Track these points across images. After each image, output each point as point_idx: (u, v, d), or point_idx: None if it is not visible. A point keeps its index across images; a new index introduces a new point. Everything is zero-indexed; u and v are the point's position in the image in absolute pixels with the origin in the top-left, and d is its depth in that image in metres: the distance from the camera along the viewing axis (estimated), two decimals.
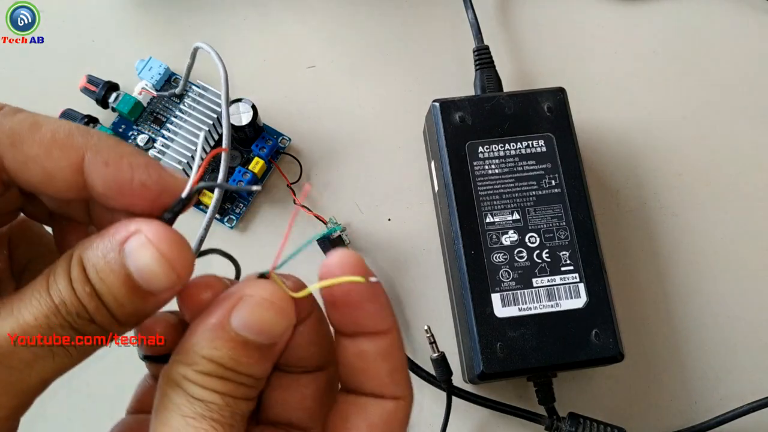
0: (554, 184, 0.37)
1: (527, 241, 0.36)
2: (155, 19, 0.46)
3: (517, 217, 0.36)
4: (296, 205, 0.41)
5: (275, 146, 0.42)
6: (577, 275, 0.35)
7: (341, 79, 0.45)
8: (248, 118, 0.40)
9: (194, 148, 0.39)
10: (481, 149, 0.37)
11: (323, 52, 0.45)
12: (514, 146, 0.37)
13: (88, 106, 0.42)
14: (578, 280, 0.35)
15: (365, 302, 0.19)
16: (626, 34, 0.47)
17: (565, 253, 0.36)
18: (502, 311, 0.34)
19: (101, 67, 0.43)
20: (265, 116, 0.43)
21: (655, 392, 0.39)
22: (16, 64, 0.44)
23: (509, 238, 0.36)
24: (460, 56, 0.45)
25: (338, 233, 0.39)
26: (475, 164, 0.37)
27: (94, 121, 0.41)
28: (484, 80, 0.42)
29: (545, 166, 0.37)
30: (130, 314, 0.17)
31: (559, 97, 0.39)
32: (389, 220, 0.42)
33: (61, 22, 0.45)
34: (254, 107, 0.40)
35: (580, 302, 0.35)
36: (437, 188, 0.39)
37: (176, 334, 0.19)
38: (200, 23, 0.46)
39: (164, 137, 0.40)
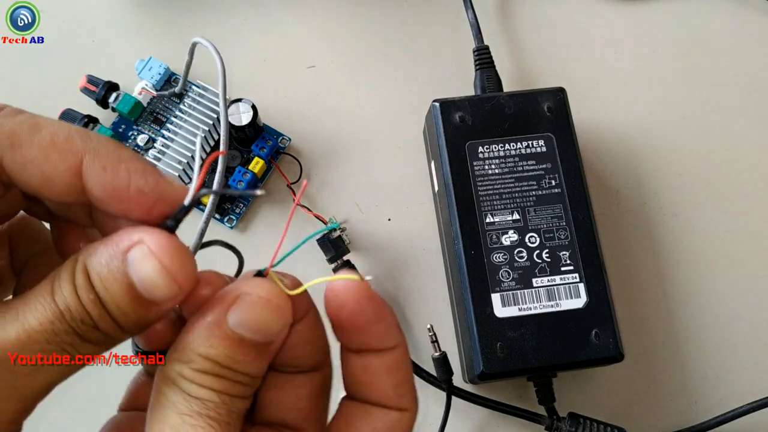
0: (554, 184, 0.37)
1: (527, 241, 0.36)
2: (155, 19, 0.46)
3: (517, 217, 0.36)
4: (297, 205, 0.41)
5: (275, 146, 0.42)
6: (577, 275, 0.35)
7: (341, 79, 0.45)
8: (248, 118, 0.40)
9: (194, 148, 0.39)
10: (481, 149, 0.37)
11: (323, 52, 0.45)
12: (514, 146, 0.37)
13: (88, 106, 0.42)
14: (578, 280, 0.35)
15: (372, 324, 0.19)
16: (626, 34, 0.47)
17: (565, 253, 0.36)
18: (502, 311, 0.34)
19: (101, 67, 0.43)
20: (265, 116, 0.43)
21: (655, 392, 0.39)
22: (16, 64, 0.44)
23: (509, 238, 0.36)
24: (460, 56, 0.45)
25: (338, 233, 0.39)
26: (475, 164, 0.37)
27: (94, 121, 0.41)
28: (484, 80, 0.42)
29: (545, 166, 0.37)
30: (133, 322, 0.17)
31: (559, 97, 0.39)
32: (389, 220, 0.42)
33: (61, 22, 0.45)
34: (254, 107, 0.40)
35: (580, 302, 0.35)
36: (437, 188, 0.39)
37: (173, 330, 0.19)
38: (200, 23, 0.46)
39: (164, 137, 0.40)
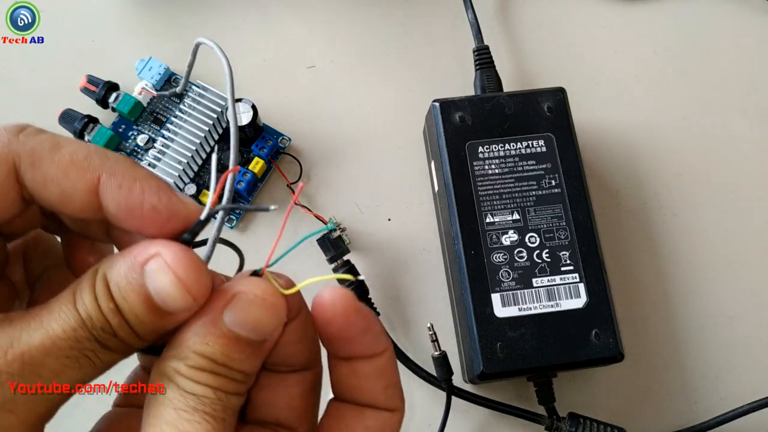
0: (554, 184, 0.37)
1: (527, 241, 0.36)
2: (155, 19, 0.46)
3: (517, 217, 0.36)
4: (297, 204, 0.41)
5: (275, 146, 0.42)
6: (577, 275, 0.35)
7: (341, 79, 0.45)
8: (248, 118, 0.40)
9: (194, 147, 0.39)
10: (481, 149, 0.37)
11: (323, 52, 0.45)
12: (514, 146, 0.37)
13: (88, 106, 0.42)
14: (578, 280, 0.35)
15: (360, 336, 0.20)
16: (626, 34, 0.47)
17: (565, 253, 0.36)
18: (502, 311, 0.34)
19: (101, 67, 0.43)
20: (265, 116, 0.43)
21: (655, 392, 0.39)
22: (16, 64, 0.44)
23: (509, 238, 0.36)
24: (460, 56, 0.45)
25: (338, 233, 0.39)
26: (475, 164, 0.37)
27: (94, 121, 0.41)
28: (484, 80, 0.42)
29: (545, 166, 0.37)
30: (150, 331, 0.18)
31: (559, 97, 0.39)
32: (389, 220, 0.42)
33: (61, 22, 0.45)
34: (254, 107, 0.40)
35: (580, 302, 0.35)
36: (437, 188, 0.39)
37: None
38: (200, 23, 0.46)
39: (164, 137, 0.40)
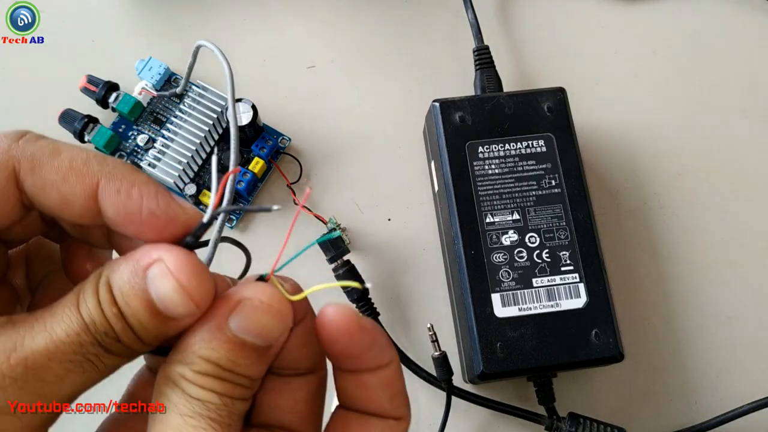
0: (554, 184, 0.37)
1: (527, 241, 0.36)
2: (155, 19, 0.46)
3: (517, 217, 0.36)
4: (297, 205, 0.41)
5: (275, 146, 0.42)
6: (577, 275, 0.35)
7: (341, 79, 0.45)
8: (248, 118, 0.40)
9: (194, 148, 0.39)
10: (481, 149, 0.37)
11: (323, 52, 0.45)
12: (514, 146, 0.37)
13: (88, 106, 0.42)
14: (578, 280, 0.35)
15: (366, 351, 0.20)
16: (626, 34, 0.47)
17: (565, 253, 0.36)
18: (502, 311, 0.34)
19: (101, 67, 0.43)
20: (265, 116, 0.43)
21: (655, 392, 0.39)
22: (16, 64, 0.44)
23: (509, 238, 0.36)
24: (460, 56, 0.45)
25: (338, 234, 0.39)
26: (475, 164, 0.37)
27: (94, 121, 0.41)
28: (484, 80, 0.42)
29: (545, 166, 0.37)
30: (153, 336, 0.18)
31: (559, 97, 0.39)
32: (389, 220, 0.42)
33: (61, 22, 0.45)
34: (254, 107, 0.40)
35: (580, 302, 0.35)
36: (437, 188, 0.39)
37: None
38: (200, 23, 0.46)
39: (164, 137, 0.40)
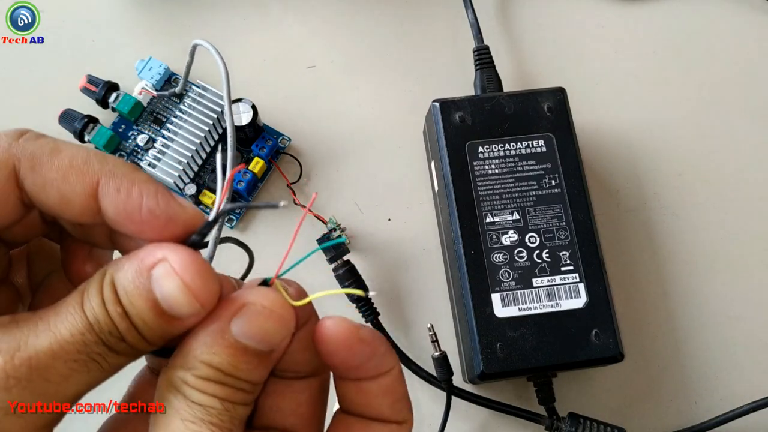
0: (554, 184, 0.37)
1: (527, 241, 0.36)
2: (155, 19, 0.46)
3: (517, 217, 0.36)
4: (297, 205, 0.41)
5: (275, 146, 0.42)
6: (577, 275, 0.35)
7: (341, 79, 0.45)
8: (248, 118, 0.40)
9: (194, 147, 0.39)
10: (481, 149, 0.37)
11: (323, 52, 0.45)
12: (514, 146, 0.37)
13: (88, 106, 0.42)
14: (578, 280, 0.35)
15: (366, 362, 0.20)
16: (626, 34, 0.47)
17: (565, 253, 0.36)
18: (502, 311, 0.34)
19: (101, 67, 0.43)
20: (265, 116, 0.43)
21: (655, 392, 0.39)
22: (16, 64, 0.44)
23: (509, 238, 0.36)
24: (460, 56, 0.45)
25: (338, 233, 0.39)
26: (475, 164, 0.37)
27: (94, 121, 0.41)
28: (484, 80, 0.42)
29: (545, 166, 0.37)
30: (158, 336, 0.18)
31: (559, 97, 0.39)
32: (389, 220, 0.42)
33: (61, 22, 0.45)
34: (254, 107, 0.40)
35: (580, 302, 0.35)
36: (437, 188, 0.39)
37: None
38: (200, 23, 0.46)
39: (164, 137, 0.40)
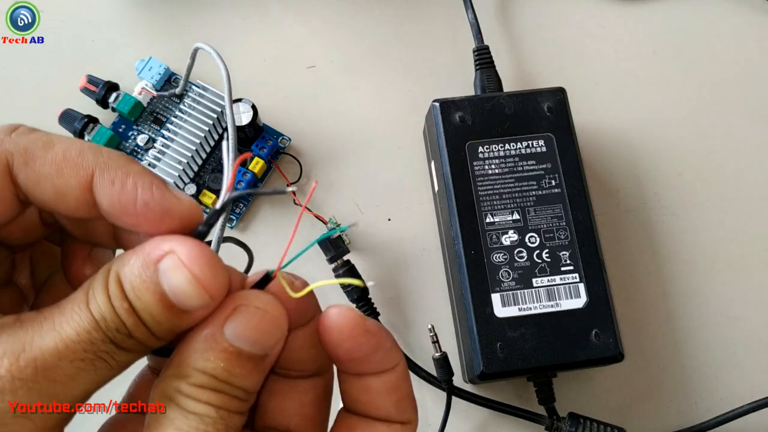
0: (554, 184, 0.37)
1: (527, 241, 0.36)
2: (155, 19, 0.46)
3: (517, 217, 0.36)
4: (297, 205, 0.41)
5: (275, 146, 0.42)
6: (577, 275, 0.35)
7: (341, 79, 0.45)
8: (248, 118, 0.40)
9: (194, 148, 0.39)
10: (481, 149, 0.37)
11: (323, 52, 0.45)
12: (514, 146, 0.37)
13: (88, 106, 0.42)
14: (578, 280, 0.35)
15: (370, 354, 0.20)
16: (626, 34, 0.47)
17: (565, 253, 0.36)
18: (502, 311, 0.34)
19: (101, 67, 0.43)
20: (265, 116, 0.43)
21: (655, 392, 0.39)
22: (16, 64, 0.44)
23: (509, 238, 0.36)
24: (460, 56, 0.45)
25: (338, 233, 0.39)
26: (475, 164, 0.37)
27: (94, 121, 0.41)
28: (484, 80, 0.42)
29: (545, 166, 0.37)
30: (166, 330, 0.18)
31: (559, 97, 0.39)
32: (389, 220, 0.42)
33: (61, 22, 0.45)
34: (254, 107, 0.40)
35: (580, 302, 0.35)
36: (437, 188, 0.39)
37: None
38: (200, 23, 0.46)
39: (164, 137, 0.40)
